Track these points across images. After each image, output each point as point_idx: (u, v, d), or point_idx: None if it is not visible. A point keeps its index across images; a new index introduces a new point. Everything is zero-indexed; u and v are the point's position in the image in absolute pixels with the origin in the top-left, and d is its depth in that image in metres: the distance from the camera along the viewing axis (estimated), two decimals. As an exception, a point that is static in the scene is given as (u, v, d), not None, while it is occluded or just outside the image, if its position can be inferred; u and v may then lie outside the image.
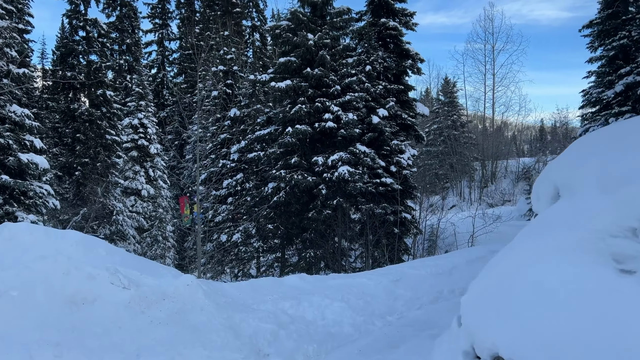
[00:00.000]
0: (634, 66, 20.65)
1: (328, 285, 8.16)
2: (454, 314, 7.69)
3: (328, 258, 17.58)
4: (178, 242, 30.51)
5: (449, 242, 18.99)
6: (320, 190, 16.44)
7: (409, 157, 17.26)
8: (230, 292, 6.68)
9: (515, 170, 39.59)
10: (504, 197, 36.34)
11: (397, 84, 18.28)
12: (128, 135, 26.17)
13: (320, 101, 16.96)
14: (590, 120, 22.70)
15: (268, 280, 8.00)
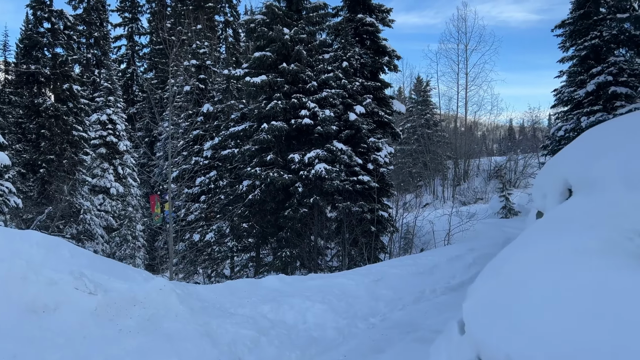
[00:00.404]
0: (605, 66, 20.98)
1: (308, 286, 7.86)
2: (438, 316, 7.49)
3: (304, 257, 17.28)
4: (148, 241, 29.74)
5: (425, 240, 18.92)
6: (296, 188, 16.11)
7: (385, 155, 17.08)
8: (206, 295, 6.30)
9: (487, 168, 40.03)
10: (476, 195, 36.67)
11: (374, 81, 18.09)
12: (96, 132, 25.32)
13: (297, 97, 16.62)
14: (563, 119, 23.02)
15: (245, 282, 7.64)
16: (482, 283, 3.20)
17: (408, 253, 18.56)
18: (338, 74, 17.18)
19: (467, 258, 11.18)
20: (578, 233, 2.45)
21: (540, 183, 3.76)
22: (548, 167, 3.72)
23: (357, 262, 17.01)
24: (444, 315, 7.48)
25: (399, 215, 18.26)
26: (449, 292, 9.28)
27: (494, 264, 3.38)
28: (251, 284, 7.62)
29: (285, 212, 16.38)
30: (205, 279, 19.68)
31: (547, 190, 3.39)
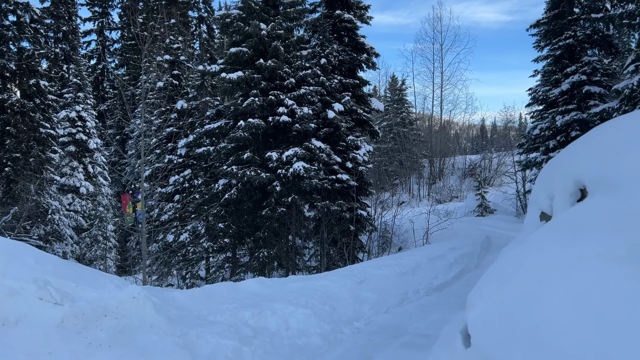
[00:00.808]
0: (579, 65, 21.23)
1: (289, 290, 7.55)
2: (424, 318, 7.29)
3: (282, 257, 16.96)
4: (120, 242, 28.96)
5: (403, 238, 18.82)
6: (274, 187, 15.77)
7: (364, 153, 16.89)
8: (183, 301, 5.94)
9: (462, 167, 40.34)
10: (451, 193, 36.92)
11: (352, 78, 17.87)
12: (65, 129, 24.44)
13: (274, 94, 16.26)
14: (538, 118, 23.24)
15: (223, 286, 7.28)
16: (488, 292, 2.96)
17: (386, 252, 18.42)
18: (316, 71, 16.90)
19: (448, 257, 11.06)
20: (602, 237, 2.23)
21: (544, 183, 3.55)
22: (553, 166, 3.51)
23: (336, 262, 16.78)
24: (429, 317, 7.29)
25: (378, 214, 18.09)
26: (432, 292, 9.12)
27: (499, 270, 3.14)
28: (230, 287, 7.27)
29: (263, 212, 16.04)
30: (179, 281, 19.16)
31: (555, 191, 3.18)
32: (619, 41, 26.01)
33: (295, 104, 16.21)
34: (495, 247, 14.09)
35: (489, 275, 3.27)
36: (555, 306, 2.21)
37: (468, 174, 39.72)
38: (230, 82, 16.45)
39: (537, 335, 2.20)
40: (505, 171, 35.37)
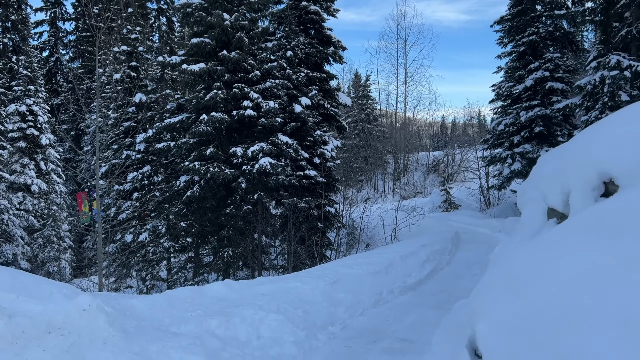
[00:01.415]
0: (542, 62, 21.47)
1: (259, 293, 7.06)
2: (401, 320, 6.93)
3: (247, 256, 16.39)
4: (76, 242, 27.69)
5: (371, 235, 18.55)
6: (239, 183, 15.17)
7: (332, 149, 16.49)
8: (142, 310, 5.36)
9: (426, 163, 40.59)
10: (416, 189, 37.07)
11: (319, 72, 17.43)
12: (14, 124, 23.03)
13: (238, 87, 15.64)
14: (502, 114, 23.43)
15: (187, 291, 6.72)
16: (499, 300, 2.57)
17: (354, 249, 18.11)
18: (282, 64, 16.37)
19: (420, 255, 10.79)
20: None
21: (552, 175, 3.21)
22: (564, 156, 3.17)
23: (304, 260, 16.36)
24: (407, 319, 6.94)
25: (345, 211, 17.75)
26: (406, 292, 8.80)
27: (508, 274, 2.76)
28: (194, 292, 6.72)
29: (227, 209, 15.43)
30: (139, 283, 18.30)
31: (571, 185, 2.84)
32: (580, 38, 26.56)
33: (260, 97, 15.65)
34: (464, 243, 13.97)
35: (493, 279, 2.88)
36: (603, 331, 1.82)
37: (432, 169, 40.01)
38: (192, 74, 15.73)
39: (577, 352, 1.81)
40: (468, 167, 35.78)
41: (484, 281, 3.18)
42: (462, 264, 11.34)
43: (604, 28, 18.84)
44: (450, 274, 10.36)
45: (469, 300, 3.56)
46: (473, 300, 2.99)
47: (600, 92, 17.29)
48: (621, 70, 16.41)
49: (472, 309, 2.90)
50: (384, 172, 39.45)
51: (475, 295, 3.07)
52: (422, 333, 6.10)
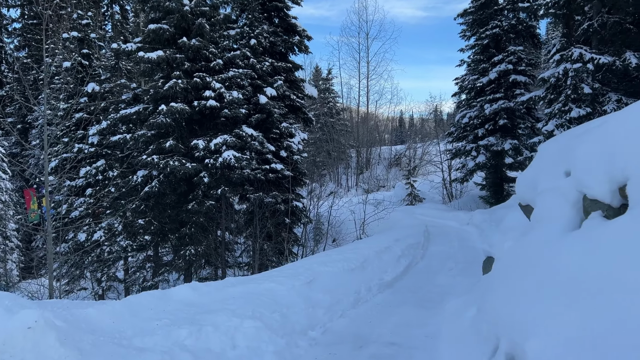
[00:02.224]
0: (505, 55, 21.59)
1: (230, 296, 6.47)
2: (385, 322, 6.48)
3: (210, 254, 15.65)
4: (24, 241, 26.14)
5: (338, 229, 18.15)
6: (201, 178, 14.43)
7: (299, 142, 15.96)
8: (100, 322, 4.69)
9: (388, 156, 40.60)
10: (379, 182, 37.03)
11: (284, 62, 16.81)
12: (-48, 116, 21.30)
13: (200, 76, 14.85)
14: (466, 107, 23.48)
15: (151, 296, 6.05)
16: (555, 313, 2.12)
17: (321, 244, 17.68)
18: (246, 52, 15.67)
19: (395, 250, 10.43)
20: None
21: (597, 159, 2.78)
22: (613, 135, 2.75)
23: (270, 257, 15.78)
24: (391, 320, 6.51)
25: (313, 205, 17.26)
26: (384, 289, 8.39)
27: (561, 279, 2.31)
28: (159, 298, 6.05)
29: (189, 206, 14.66)
30: (94, 284, 17.25)
31: (629, 171, 2.43)
32: (540, 31, 26.95)
33: (223, 87, 14.91)
34: (434, 237, 13.74)
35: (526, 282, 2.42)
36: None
37: (394, 163, 40.05)
38: (149, 62, 14.81)
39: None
40: (430, 160, 35.96)
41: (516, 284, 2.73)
42: (435, 258, 11.05)
43: (567, 21, 19.05)
44: (425, 269, 10.04)
45: (483, 306, 3.12)
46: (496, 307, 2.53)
47: (563, 84, 17.44)
48: (584, 63, 16.58)
49: (499, 318, 2.44)
50: (347, 166, 39.20)
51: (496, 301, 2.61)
52: (409, 336, 5.68)
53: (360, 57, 40.23)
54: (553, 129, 17.48)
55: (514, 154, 21.00)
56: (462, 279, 8.89)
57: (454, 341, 3.57)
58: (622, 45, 17.26)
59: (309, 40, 17.65)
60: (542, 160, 3.84)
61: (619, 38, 17.17)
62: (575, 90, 16.77)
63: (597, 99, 17.12)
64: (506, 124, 20.96)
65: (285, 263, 16.44)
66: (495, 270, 3.66)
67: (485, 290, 4.03)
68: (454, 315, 4.45)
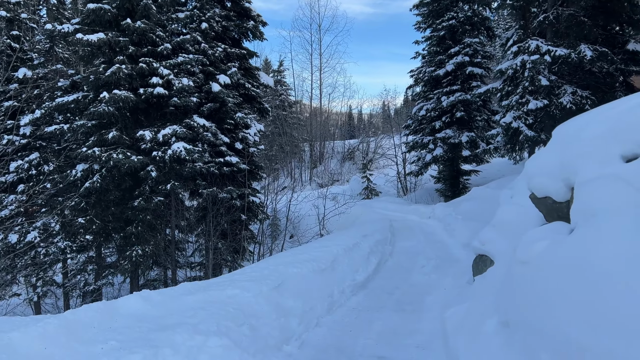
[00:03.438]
0: (462, 47, 21.44)
1: (189, 306, 5.58)
2: (366, 331, 5.74)
3: (159, 254, 14.51)
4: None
5: (296, 225, 17.39)
6: (148, 172, 13.28)
7: (255, 133, 15.05)
8: (27, 350, 3.71)
9: (342, 150, 40.18)
10: (333, 176, 36.52)
11: (239, 48, 15.80)
12: None
13: (146, 62, 13.65)
14: (423, 99, 23.23)
15: (93, 311, 5.06)
16: None
17: (278, 241, 16.88)
18: (196, 37, 14.56)
19: (363, 247, 9.79)
20: None
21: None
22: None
23: (225, 257, 14.82)
24: (373, 328, 5.83)
25: (270, 200, 16.40)
26: (358, 291, 7.73)
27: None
28: (103, 312, 5.08)
29: (135, 202, 13.49)
30: (28, 290, 15.67)
31: None
32: (496, 24, 27.16)
33: (172, 74, 13.79)
34: (399, 231, 13.25)
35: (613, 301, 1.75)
36: None
37: (347, 157, 39.66)
38: (88, 45, 13.46)
39: None
40: (383, 153, 35.77)
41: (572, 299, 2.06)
42: (404, 254, 10.51)
43: (523, 13, 19.07)
44: (396, 266, 9.46)
45: (517, 321, 2.46)
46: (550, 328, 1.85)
47: (520, 76, 17.39)
48: (541, 55, 16.56)
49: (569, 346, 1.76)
50: (300, 161, 38.44)
51: (550, 321, 1.93)
52: (399, 347, 5.02)
53: (313, 49, 39.69)
54: (511, 121, 17.43)
55: (471, 147, 20.93)
56: (437, 277, 8.36)
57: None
58: (576, 38, 17.40)
59: (264, 26, 16.71)
60: (574, 143, 3.23)
61: (574, 31, 17.28)
62: (533, 82, 16.73)
63: (553, 91, 17.18)
64: (463, 117, 20.83)
65: (241, 262, 15.53)
66: (524, 277, 3.02)
67: (509, 299, 3.38)
68: (463, 329, 3.81)
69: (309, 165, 37.87)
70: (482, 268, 5.26)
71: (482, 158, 22.50)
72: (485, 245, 5.32)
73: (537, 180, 3.77)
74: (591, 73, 18.00)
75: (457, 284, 6.69)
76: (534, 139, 17.14)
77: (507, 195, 6.10)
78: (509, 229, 4.95)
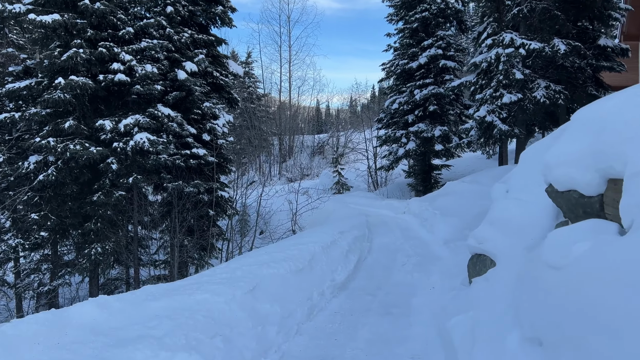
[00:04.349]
0: (435, 39, 21.15)
1: (153, 314, 4.92)
2: (352, 340, 5.20)
3: (121, 252, 13.64)
4: None
5: (267, 221, 16.74)
6: (109, 164, 12.42)
7: (224, 124, 14.32)
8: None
9: (311, 144, 39.60)
10: (302, 171, 35.91)
11: (206, 34, 14.98)
12: None
13: (106, 46, 12.73)
14: (396, 92, 22.86)
15: (38, 323, 4.34)
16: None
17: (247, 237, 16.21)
18: (161, 21, 13.70)
19: (341, 244, 9.26)
20: None
21: None
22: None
23: (192, 254, 14.06)
24: (359, 335, 5.29)
25: (240, 195, 15.69)
26: (339, 292, 7.19)
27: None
28: (51, 325, 4.36)
29: (94, 197, 12.61)
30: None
31: None
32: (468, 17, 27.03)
33: (134, 60, 12.93)
34: (375, 227, 12.79)
35: None
36: None
37: (317, 152, 39.12)
38: (42, 26, 12.46)
39: None
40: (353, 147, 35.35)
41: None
42: (383, 251, 10.04)
43: (497, 5, 18.88)
44: (376, 264, 8.97)
45: (554, 341, 1.97)
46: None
47: (495, 69, 17.18)
48: (515, 48, 16.38)
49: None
50: (269, 155, 37.65)
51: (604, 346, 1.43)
52: (392, 358, 4.49)
53: (282, 41, 38.92)
54: (485, 115, 17.23)
55: (443, 141, 20.69)
56: (420, 275, 7.90)
57: None
58: (549, 32, 17.32)
59: (233, 12, 15.91)
60: (614, 127, 2.75)
61: (547, 24, 17.18)
62: (507, 75, 16.54)
63: (526, 85, 17.05)
64: (436, 110, 20.55)
65: (208, 260, 14.79)
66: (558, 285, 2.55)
67: (535, 311, 2.89)
68: (478, 343, 3.30)
69: (278, 159, 37.13)
70: (481, 269, 4.80)
71: (454, 153, 22.35)
72: (483, 244, 4.85)
73: (561, 172, 3.29)
74: (563, 67, 17.97)
75: (448, 286, 6.22)
76: (508, 133, 16.99)
77: (501, 190, 5.65)
78: (511, 226, 4.49)
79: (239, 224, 16.25)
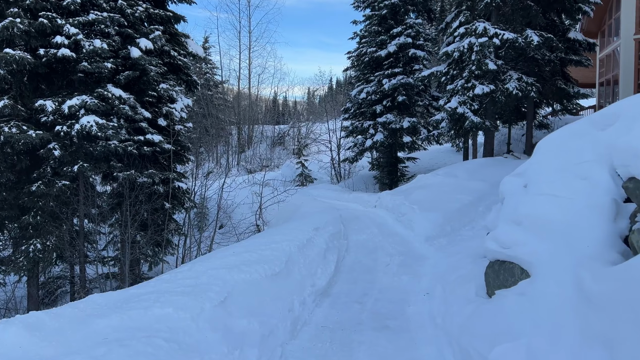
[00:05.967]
0: (404, 27, 20.47)
1: (99, 337, 3.86)
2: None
3: (65, 248, 12.21)
4: None
5: (229, 215, 15.62)
6: (50, 150, 11.02)
7: (182, 108, 13.07)
8: None
9: (272, 135, 38.41)
10: (262, 162, 34.73)
11: (163, 9, 13.63)
12: None
13: (48, 17, 11.25)
14: (363, 82, 22.06)
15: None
16: None
17: (207, 232, 15.05)
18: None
19: (318, 242, 8.35)
20: None
21: None
22: None
23: (145, 251, 12.78)
24: (356, 357, 4.38)
25: (198, 187, 14.48)
26: (322, 300, 6.29)
27: None
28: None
29: (33, 187, 11.19)
30: None
31: None
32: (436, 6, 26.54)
33: (81, 34, 11.48)
34: (348, 222, 11.94)
35: None
36: None
37: (277, 142, 37.98)
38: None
39: None
40: (315, 138, 34.42)
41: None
42: (361, 249, 9.20)
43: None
44: (357, 265, 8.11)
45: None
46: None
47: (467, 59, 16.63)
48: (489, 37, 15.89)
49: None
50: (227, 144, 36.19)
51: None
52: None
53: (242, 26, 37.31)
54: (456, 106, 16.67)
55: (410, 133, 20.09)
56: (408, 279, 7.10)
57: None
58: (521, 23, 16.95)
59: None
60: None
61: (519, 15, 16.79)
62: (480, 66, 16.01)
63: (498, 77, 16.63)
64: (404, 101, 19.90)
65: (163, 257, 13.55)
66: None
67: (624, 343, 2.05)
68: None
69: (236, 149, 35.73)
70: (507, 279, 4.00)
71: (420, 145, 21.81)
72: (510, 248, 4.04)
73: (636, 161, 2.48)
74: (534, 60, 17.69)
75: (452, 295, 5.37)
76: (479, 125, 16.51)
77: (516, 184, 4.88)
78: (550, 228, 3.70)
79: (197, 218, 15.05)
